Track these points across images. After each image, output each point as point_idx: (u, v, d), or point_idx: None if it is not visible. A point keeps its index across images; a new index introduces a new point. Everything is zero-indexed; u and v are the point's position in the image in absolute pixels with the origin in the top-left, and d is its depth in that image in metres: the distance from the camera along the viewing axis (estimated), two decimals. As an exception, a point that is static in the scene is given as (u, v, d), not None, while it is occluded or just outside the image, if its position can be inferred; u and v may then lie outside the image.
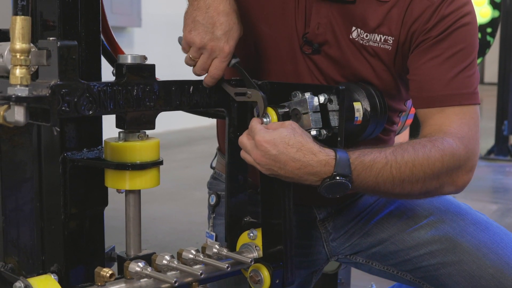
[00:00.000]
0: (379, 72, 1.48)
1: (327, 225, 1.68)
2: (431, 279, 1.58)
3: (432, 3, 1.44)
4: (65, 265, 1.23)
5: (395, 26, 1.44)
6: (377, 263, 1.67)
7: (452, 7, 1.44)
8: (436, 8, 1.43)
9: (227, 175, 1.38)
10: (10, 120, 0.99)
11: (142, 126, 1.18)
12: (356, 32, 1.47)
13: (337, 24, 1.47)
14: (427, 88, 1.45)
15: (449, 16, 1.43)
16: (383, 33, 1.45)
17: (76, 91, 1.05)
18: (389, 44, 1.45)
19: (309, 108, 1.26)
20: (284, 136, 1.24)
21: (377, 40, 1.46)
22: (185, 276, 1.22)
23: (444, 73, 1.44)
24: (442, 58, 1.44)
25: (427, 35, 1.44)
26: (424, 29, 1.44)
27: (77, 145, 1.25)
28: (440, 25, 1.43)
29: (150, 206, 3.85)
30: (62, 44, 1.02)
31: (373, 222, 1.65)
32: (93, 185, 1.26)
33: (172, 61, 7.20)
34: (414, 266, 1.59)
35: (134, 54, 1.17)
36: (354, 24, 1.46)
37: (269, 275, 1.27)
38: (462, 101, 1.44)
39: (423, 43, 1.45)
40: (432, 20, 1.43)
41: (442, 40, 1.43)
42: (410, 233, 1.60)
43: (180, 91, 1.23)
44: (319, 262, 1.72)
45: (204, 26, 1.31)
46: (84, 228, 1.26)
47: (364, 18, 1.45)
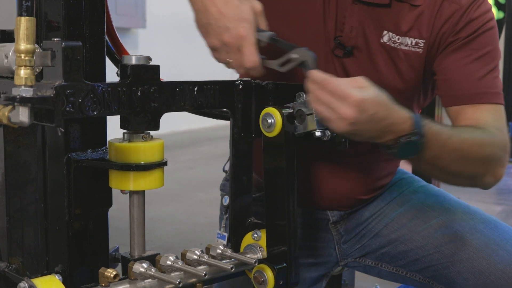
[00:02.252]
0: (405, 76, 1.51)
1: (339, 228, 1.69)
2: (440, 278, 1.58)
3: (460, 6, 1.48)
4: (69, 265, 1.23)
5: (426, 29, 1.48)
6: (386, 265, 1.67)
7: (479, 11, 1.49)
8: (465, 11, 1.48)
9: (231, 176, 1.38)
10: (15, 120, 0.99)
11: (147, 127, 1.18)
12: (388, 36, 1.49)
13: (369, 27, 1.49)
14: (458, 87, 1.49)
15: (476, 20, 1.48)
16: (414, 36, 1.48)
17: (81, 92, 1.05)
18: (420, 47, 1.48)
19: (314, 109, 1.26)
20: (377, 94, 1.23)
21: (408, 43, 1.48)
22: (189, 276, 1.22)
23: (474, 72, 1.48)
24: (471, 58, 1.48)
25: (456, 36, 1.48)
26: (453, 30, 1.48)
27: (82, 146, 1.25)
28: (468, 27, 1.48)
29: (154, 207, 3.86)
30: (66, 45, 1.02)
31: (383, 224, 1.66)
32: (98, 185, 1.26)
33: (176, 62, 7.21)
34: (424, 266, 1.60)
35: (139, 55, 1.17)
36: (386, 28, 1.48)
37: (273, 276, 1.27)
38: (492, 100, 1.48)
39: (452, 44, 1.49)
40: (461, 23, 1.48)
41: (470, 42, 1.48)
42: (420, 233, 1.61)
43: (184, 92, 1.23)
44: (329, 265, 1.72)
45: (209, 26, 1.29)
46: (88, 228, 1.26)
47: (396, 21, 1.48)
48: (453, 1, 1.48)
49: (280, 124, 1.24)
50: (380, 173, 1.67)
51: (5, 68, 1.11)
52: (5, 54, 1.11)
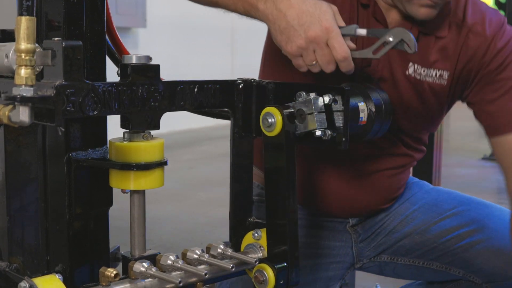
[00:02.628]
0: (430, 105, 1.54)
1: (357, 228, 1.71)
2: (459, 262, 1.60)
3: (485, 38, 1.50)
4: (69, 265, 1.23)
5: (451, 61, 1.50)
6: (402, 258, 1.69)
7: (504, 39, 1.51)
8: (490, 42, 1.50)
9: (232, 175, 1.38)
10: (15, 120, 0.99)
11: (147, 126, 1.18)
12: (413, 67, 1.51)
13: (395, 60, 1.50)
14: (496, 118, 1.52)
15: (504, 49, 1.51)
16: (439, 68, 1.50)
17: (81, 91, 1.05)
18: (444, 79, 1.50)
19: (314, 109, 1.26)
20: None
21: (433, 75, 1.50)
22: (189, 276, 1.22)
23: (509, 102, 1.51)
24: (505, 88, 1.50)
25: (485, 70, 1.51)
26: (482, 63, 1.51)
27: (82, 145, 1.25)
28: (497, 59, 1.50)
29: (154, 206, 3.85)
30: (67, 45, 1.02)
31: (398, 220, 1.68)
32: (98, 185, 1.26)
33: (176, 61, 7.21)
34: (442, 252, 1.62)
35: (139, 55, 1.17)
36: (412, 60, 1.50)
37: (273, 275, 1.27)
38: None
39: (484, 79, 1.52)
40: (489, 55, 1.50)
41: (501, 72, 1.51)
42: (436, 223, 1.65)
43: (184, 91, 1.23)
44: (345, 265, 1.74)
45: (292, 28, 1.23)
46: (89, 228, 1.26)
47: (422, 54, 1.50)
48: (478, 34, 1.50)
49: (280, 124, 1.24)
50: (397, 185, 1.70)
51: (6, 67, 1.11)
52: (5, 54, 1.11)
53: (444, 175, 4.25)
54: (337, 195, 1.64)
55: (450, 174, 4.76)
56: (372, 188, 1.65)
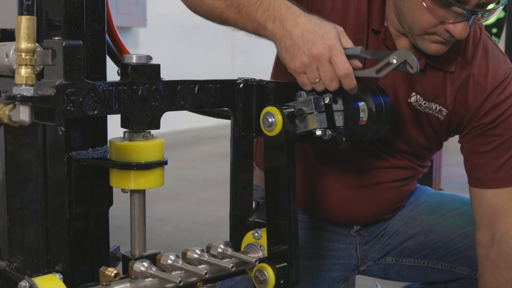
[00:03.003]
0: (428, 135, 1.56)
1: (362, 231, 1.72)
2: (463, 260, 1.61)
3: (485, 90, 1.50)
4: (70, 264, 1.23)
5: (450, 100, 1.51)
6: (407, 259, 1.70)
7: (504, 94, 1.50)
8: (488, 95, 1.50)
9: (232, 175, 1.38)
10: (15, 119, 0.99)
11: (147, 126, 1.18)
12: (415, 97, 1.53)
13: (400, 87, 1.52)
14: (480, 171, 1.53)
15: (501, 104, 1.50)
16: (440, 103, 1.52)
17: (81, 91, 1.05)
18: (442, 115, 1.52)
19: (314, 108, 1.26)
20: None
21: (433, 108, 1.52)
22: (189, 276, 1.22)
23: (496, 158, 1.52)
24: (495, 144, 1.51)
25: (479, 121, 1.51)
26: (477, 114, 1.51)
27: (82, 145, 1.25)
28: (492, 113, 1.50)
29: (154, 206, 3.85)
30: (67, 44, 1.02)
31: (402, 223, 1.69)
32: (98, 184, 1.26)
33: (177, 61, 7.21)
34: (446, 251, 1.63)
35: (139, 54, 1.17)
36: (415, 90, 1.52)
37: (273, 275, 1.27)
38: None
39: (476, 129, 1.52)
40: (484, 107, 1.50)
41: (495, 127, 1.51)
42: (441, 223, 1.66)
43: (185, 91, 1.23)
44: (349, 267, 1.74)
45: (296, 46, 1.24)
46: (89, 227, 1.26)
47: (426, 86, 1.51)
48: (478, 83, 1.50)
49: (280, 123, 1.24)
50: (401, 196, 1.72)
51: (6, 67, 1.11)
52: (5, 53, 1.11)
53: (444, 175, 4.25)
54: (340, 204, 1.66)
55: (450, 174, 4.75)
56: (375, 199, 1.66)
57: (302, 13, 1.25)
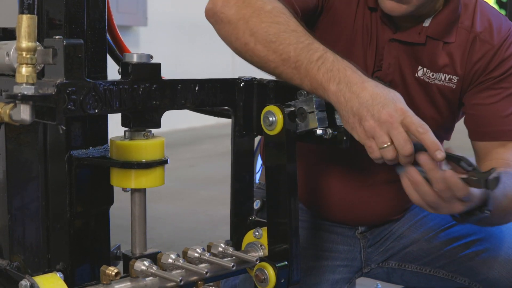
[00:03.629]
0: (440, 108, 1.55)
1: (366, 234, 1.71)
2: (464, 270, 1.60)
3: (492, 46, 1.51)
4: (70, 263, 1.23)
5: (459, 66, 1.51)
6: (410, 265, 1.69)
7: (510, 50, 1.51)
8: (497, 51, 1.51)
9: (233, 174, 1.38)
10: (16, 118, 0.99)
11: (148, 124, 1.18)
12: (422, 71, 1.52)
13: (404, 64, 1.51)
14: (485, 123, 1.52)
15: (509, 58, 1.51)
16: (448, 72, 1.51)
17: (82, 90, 1.05)
18: (453, 83, 1.51)
19: (315, 107, 1.26)
20: None
21: (442, 79, 1.51)
22: (190, 275, 1.21)
23: (503, 110, 1.51)
24: (501, 96, 1.51)
25: (488, 75, 1.51)
26: (485, 70, 1.51)
27: (83, 144, 1.25)
28: (500, 67, 1.51)
29: (155, 205, 3.85)
30: (68, 43, 1.02)
31: (407, 226, 1.68)
32: (99, 183, 1.26)
33: (177, 59, 7.21)
34: (448, 260, 1.62)
35: (140, 53, 1.17)
36: (421, 64, 1.51)
37: (274, 274, 1.27)
38: None
39: (484, 83, 1.52)
40: (493, 63, 1.51)
41: (502, 80, 1.51)
42: (444, 230, 1.64)
43: (185, 90, 1.23)
44: (353, 269, 1.74)
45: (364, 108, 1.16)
46: (90, 226, 1.26)
47: (430, 58, 1.51)
48: (485, 41, 1.51)
49: (281, 122, 1.24)
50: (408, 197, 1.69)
51: (7, 66, 1.11)
52: (6, 52, 1.11)
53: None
54: (345, 204, 1.65)
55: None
56: (380, 199, 1.64)
57: (368, 77, 1.19)
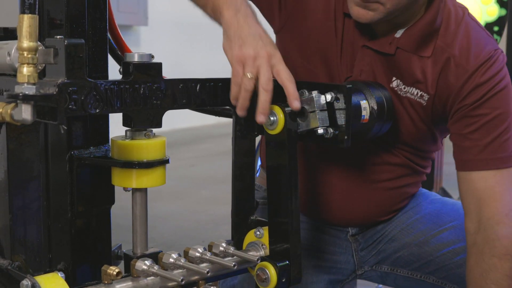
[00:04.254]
0: (415, 121, 1.52)
1: (358, 237, 1.70)
2: (453, 277, 1.59)
3: (466, 71, 1.44)
4: (72, 263, 1.23)
5: (431, 85, 1.47)
6: (401, 270, 1.68)
7: (487, 75, 1.44)
8: (470, 76, 1.44)
9: (234, 173, 1.38)
10: (18, 118, 0.99)
11: (149, 124, 1.18)
12: (396, 82, 1.50)
13: (379, 72, 1.49)
14: (465, 153, 1.49)
15: (484, 85, 1.44)
16: (420, 88, 1.48)
17: (83, 90, 1.05)
18: (424, 100, 1.49)
19: (316, 107, 1.26)
20: None
21: (414, 93, 1.49)
22: (191, 274, 1.22)
23: (480, 139, 1.47)
24: (477, 125, 1.46)
25: (462, 103, 1.46)
26: (459, 96, 1.46)
27: (84, 143, 1.25)
28: (474, 93, 1.45)
29: (156, 204, 3.86)
30: (69, 43, 1.02)
31: (398, 229, 1.68)
32: (100, 183, 1.26)
33: (178, 59, 7.20)
34: (438, 266, 1.61)
35: (141, 53, 1.17)
36: (394, 75, 1.49)
37: (275, 273, 1.27)
38: (499, 165, 1.47)
39: (459, 111, 1.47)
40: (467, 88, 1.45)
41: (478, 107, 1.45)
42: (435, 235, 1.62)
43: (186, 89, 1.23)
44: (346, 272, 1.73)
45: (252, 36, 1.26)
46: (91, 226, 1.26)
47: (404, 71, 1.48)
48: (459, 65, 1.45)
49: (282, 122, 1.24)
50: (398, 198, 1.68)
51: (8, 65, 1.11)
52: (7, 52, 1.11)
53: (446, 173, 4.24)
54: (334, 205, 1.64)
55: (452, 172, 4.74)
56: (370, 200, 1.63)
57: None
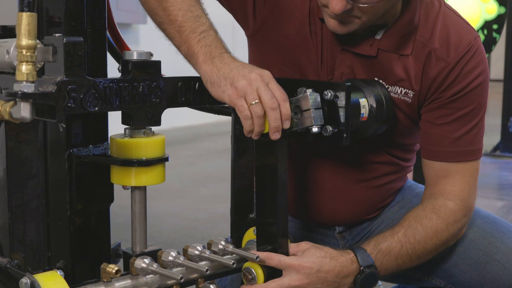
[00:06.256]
0: (401, 120, 1.52)
1: (345, 234, 1.70)
2: (439, 272, 1.59)
3: (447, 63, 1.46)
4: (71, 261, 1.23)
5: (415, 81, 1.47)
6: None
7: (467, 68, 1.46)
8: (452, 69, 1.45)
9: (233, 172, 1.38)
10: (16, 116, 0.99)
11: (148, 122, 1.18)
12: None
13: (360, 74, 1.49)
14: (435, 143, 1.50)
15: (464, 79, 1.46)
16: (404, 86, 1.48)
17: (82, 88, 1.05)
18: (409, 97, 1.48)
19: (311, 105, 1.25)
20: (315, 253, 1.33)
21: (398, 92, 1.48)
22: (190, 272, 1.22)
23: (452, 132, 1.49)
24: (452, 117, 1.48)
25: (440, 94, 1.47)
26: (440, 88, 1.47)
27: (83, 142, 1.25)
28: (453, 87, 1.46)
29: (155, 202, 3.85)
30: (68, 41, 1.02)
31: (384, 224, 1.67)
32: (99, 181, 1.26)
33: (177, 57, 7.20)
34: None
35: (140, 51, 1.17)
36: (376, 76, 1.48)
37: (262, 273, 1.26)
38: (467, 158, 1.51)
39: (436, 101, 1.48)
40: (447, 81, 1.46)
41: (455, 100, 1.47)
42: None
43: (185, 87, 1.23)
44: None
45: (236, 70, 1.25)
46: (90, 224, 1.26)
47: (385, 71, 1.47)
48: (440, 58, 1.46)
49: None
50: (383, 196, 1.68)
51: (7, 63, 1.11)
52: (6, 50, 1.11)
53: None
54: (321, 206, 1.63)
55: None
56: (357, 199, 1.63)
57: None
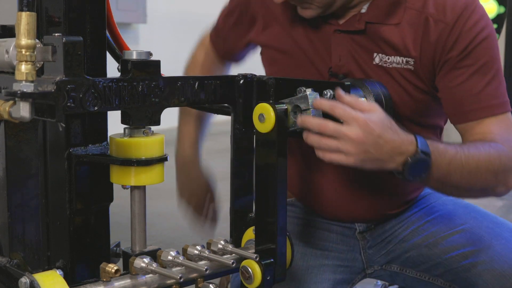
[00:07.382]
0: (410, 92, 1.50)
1: (366, 235, 1.69)
2: (461, 281, 1.58)
3: (446, 24, 1.45)
4: (70, 261, 1.23)
5: (413, 47, 1.46)
6: (410, 270, 1.67)
7: (468, 24, 1.45)
8: (452, 28, 1.44)
9: (232, 171, 1.38)
10: (16, 116, 0.99)
11: (148, 122, 1.18)
12: (378, 57, 1.48)
13: (358, 53, 1.48)
14: (459, 105, 1.49)
15: (466, 34, 1.45)
16: (403, 55, 1.47)
17: (82, 87, 1.05)
18: (410, 65, 1.47)
19: (310, 105, 1.25)
20: (382, 117, 1.26)
21: (399, 61, 1.47)
22: (190, 272, 1.22)
23: (472, 88, 1.47)
24: (467, 74, 1.46)
25: (448, 55, 1.46)
26: (444, 50, 1.45)
27: (83, 141, 1.25)
28: (458, 45, 1.45)
29: (155, 202, 3.84)
30: (67, 40, 1.02)
31: (409, 230, 1.66)
32: (99, 181, 1.26)
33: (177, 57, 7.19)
34: (446, 269, 1.59)
35: (140, 50, 1.17)
36: (374, 50, 1.48)
37: (260, 271, 1.26)
38: (495, 111, 1.48)
39: (446, 64, 1.47)
40: (450, 41, 1.45)
41: (463, 58, 1.45)
42: (445, 237, 1.61)
43: (185, 87, 1.23)
44: (355, 270, 1.71)
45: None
46: (90, 224, 1.26)
47: (381, 43, 1.47)
48: (438, 20, 1.45)
49: (273, 120, 1.23)
50: (408, 188, 1.67)
51: (6, 63, 1.11)
52: (6, 49, 1.11)
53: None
54: (339, 200, 1.62)
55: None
56: (376, 190, 1.62)
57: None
